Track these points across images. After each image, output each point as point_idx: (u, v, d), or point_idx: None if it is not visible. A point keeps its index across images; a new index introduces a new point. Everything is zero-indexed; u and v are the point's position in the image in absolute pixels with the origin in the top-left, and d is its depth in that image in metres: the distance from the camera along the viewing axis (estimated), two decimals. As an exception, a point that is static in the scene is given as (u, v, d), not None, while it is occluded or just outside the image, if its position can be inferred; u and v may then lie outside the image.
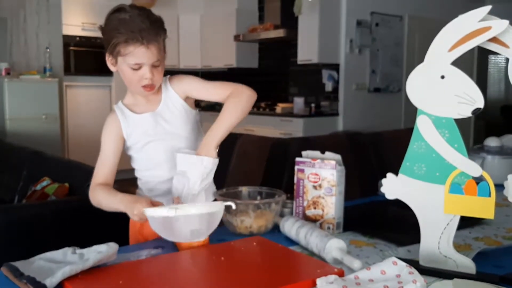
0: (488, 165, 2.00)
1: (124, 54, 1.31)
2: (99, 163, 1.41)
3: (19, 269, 1.03)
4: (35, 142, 4.29)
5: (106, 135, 1.42)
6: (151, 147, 1.43)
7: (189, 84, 1.46)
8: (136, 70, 1.33)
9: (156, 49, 1.32)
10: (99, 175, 1.40)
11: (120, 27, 1.29)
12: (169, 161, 1.42)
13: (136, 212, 1.20)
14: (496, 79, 8.91)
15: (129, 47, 1.29)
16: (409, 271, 0.96)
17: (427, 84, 1.04)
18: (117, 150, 1.42)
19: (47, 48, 5.42)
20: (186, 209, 1.09)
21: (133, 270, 1.07)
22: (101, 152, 1.42)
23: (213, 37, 7.05)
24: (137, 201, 1.22)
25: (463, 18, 0.98)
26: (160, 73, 1.38)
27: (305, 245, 1.22)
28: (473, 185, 1.02)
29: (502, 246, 1.27)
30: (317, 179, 1.37)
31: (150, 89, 1.37)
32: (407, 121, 6.32)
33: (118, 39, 1.29)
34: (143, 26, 1.28)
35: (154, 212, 1.09)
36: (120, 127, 1.41)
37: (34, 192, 2.67)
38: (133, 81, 1.36)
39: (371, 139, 2.81)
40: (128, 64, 1.32)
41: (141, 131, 1.42)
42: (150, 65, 1.33)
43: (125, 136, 1.42)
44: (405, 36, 6.33)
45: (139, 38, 1.28)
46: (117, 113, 1.43)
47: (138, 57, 1.31)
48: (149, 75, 1.33)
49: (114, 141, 1.41)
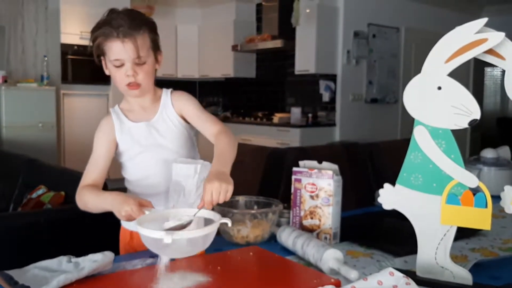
0: (484, 177, 2.01)
1: (104, 49, 1.34)
2: (89, 165, 1.39)
3: (13, 277, 1.02)
4: (31, 150, 4.28)
5: (99, 137, 1.41)
6: (141, 157, 1.42)
7: (186, 104, 1.45)
8: (119, 67, 1.34)
9: (133, 45, 1.32)
10: (88, 177, 1.38)
11: (101, 25, 1.34)
12: (158, 173, 1.41)
13: (124, 214, 1.18)
14: (492, 91, 8.96)
15: (107, 43, 1.33)
16: (406, 281, 0.96)
17: (424, 95, 1.05)
18: (109, 153, 1.40)
19: (44, 56, 5.42)
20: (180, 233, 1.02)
21: (129, 280, 1.06)
22: (93, 154, 1.40)
23: (210, 47, 7.08)
24: (125, 201, 1.19)
25: (460, 30, 0.99)
26: (146, 73, 1.36)
27: (301, 255, 1.22)
28: (470, 196, 1.02)
29: (498, 257, 1.27)
30: (314, 189, 1.37)
31: (134, 88, 1.36)
32: (403, 132, 6.34)
33: (98, 36, 1.33)
34: (122, 23, 1.31)
35: (148, 232, 1.02)
36: (114, 130, 1.41)
37: (30, 200, 2.66)
38: (117, 80, 1.37)
39: (368, 150, 2.81)
40: (110, 61, 1.34)
41: (133, 139, 1.41)
42: (132, 62, 1.33)
43: (118, 140, 1.41)
44: (401, 47, 6.38)
45: (114, 33, 1.31)
46: (112, 116, 1.42)
47: (116, 52, 1.32)
48: (130, 72, 1.33)
49: (107, 143, 1.40)
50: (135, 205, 1.17)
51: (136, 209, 1.16)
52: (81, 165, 2.02)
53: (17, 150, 3.91)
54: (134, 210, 1.17)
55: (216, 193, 1.12)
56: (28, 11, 5.37)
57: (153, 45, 1.38)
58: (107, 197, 1.27)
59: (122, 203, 1.19)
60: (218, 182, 1.13)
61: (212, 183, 1.13)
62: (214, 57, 7.01)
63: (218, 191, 1.12)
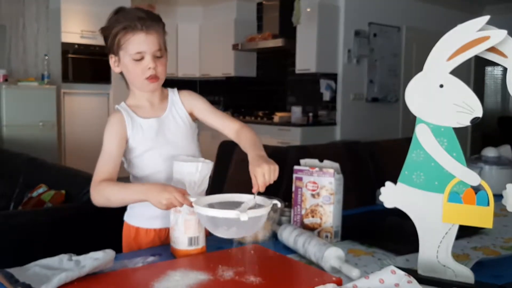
0: (485, 175, 2.01)
1: (125, 43, 1.33)
2: (102, 161, 1.35)
3: (14, 275, 1.02)
4: (32, 149, 4.27)
5: (110, 133, 1.38)
6: (150, 154, 1.41)
7: (199, 102, 1.48)
8: (139, 60, 1.34)
9: (155, 37, 1.34)
10: (103, 172, 1.33)
11: (119, 17, 1.34)
12: (166, 170, 1.40)
13: (166, 202, 1.16)
14: (493, 90, 8.96)
15: (128, 35, 1.33)
16: (408, 280, 0.95)
17: (426, 93, 1.04)
18: (120, 149, 1.38)
19: (45, 55, 5.43)
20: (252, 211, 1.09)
21: (130, 278, 1.06)
22: (104, 151, 1.37)
23: (211, 46, 7.08)
24: (165, 189, 1.17)
25: (462, 28, 0.99)
26: (163, 66, 1.38)
27: (303, 254, 1.22)
28: (471, 194, 1.01)
29: (500, 256, 1.27)
30: (315, 187, 1.37)
31: (154, 81, 1.37)
32: (404, 131, 6.33)
33: (117, 28, 1.33)
34: (141, 15, 1.33)
35: (223, 213, 1.09)
36: (125, 127, 1.39)
37: (30, 199, 2.66)
38: (137, 74, 1.36)
39: (369, 148, 2.81)
40: (130, 54, 1.34)
41: (144, 136, 1.40)
42: (152, 54, 1.34)
43: (129, 136, 1.39)
44: (402, 46, 6.37)
45: (138, 25, 1.32)
46: (123, 113, 1.40)
47: (138, 44, 1.33)
48: (152, 64, 1.34)
49: (118, 140, 1.38)
50: (178, 192, 1.16)
51: (179, 196, 1.16)
52: (81, 163, 2.03)
53: (18, 149, 3.91)
54: (178, 197, 1.15)
55: (268, 174, 1.17)
56: (29, 10, 5.37)
57: (165, 40, 1.40)
58: (140, 188, 1.26)
59: (162, 191, 1.17)
60: (267, 164, 1.18)
61: (261, 166, 1.18)
62: (215, 56, 7.01)
63: (269, 172, 1.17)
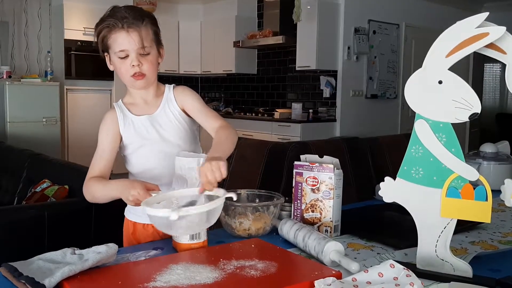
0: (483, 171, 2.01)
1: (110, 42, 1.37)
2: (95, 158, 1.41)
3: (17, 269, 1.03)
4: (35, 145, 4.30)
5: (103, 131, 1.44)
6: (143, 150, 1.44)
7: (189, 98, 1.49)
8: (123, 58, 1.37)
9: (137, 35, 1.36)
10: (95, 169, 1.40)
11: (105, 18, 1.38)
12: (160, 165, 1.43)
13: (132, 198, 1.21)
14: (492, 87, 8.96)
15: (112, 35, 1.36)
16: (407, 273, 0.96)
17: (424, 89, 1.05)
18: (113, 146, 1.43)
19: (48, 52, 5.44)
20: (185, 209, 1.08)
21: (132, 271, 1.07)
22: (98, 147, 1.43)
23: (212, 43, 7.08)
24: (132, 186, 1.22)
25: (461, 24, 1.00)
26: (150, 63, 1.40)
27: (303, 248, 1.23)
28: (470, 189, 1.02)
29: (498, 250, 1.28)
30: (315, 182, 1.38)
31: (139, 78, 1.39)
32: (403, 128, 6.35)
33: (103, 28, 1.37)
34: (125, 15, 1.36)
35: (155, 211, 1.09)
36: (117, 123, 1.43)
37: (34, 194, 2.67)
38: (122, 72, 1.39)
39: (368, 144, 2.82)
40: (116, 53, 1.37)
41: (136, 132, 1.44)
42: (136, 52, 1.36)
43: (121, 133, 1.44)
44: (401, 43, 6.38)
45: (119, 24, 1.35)
46: (116, 110, 1.45)
47: (120, 43, 1.36)
48: (135, 62, 1.37)
49: (111, 137, 1.43)
50: (142, 188, 1.20)
51: (143, 193, 1.19)
52: (84, 159, 2.03)
53: (21, 145, 3.93)
54: (141, 193, 1.19)
55: (210, 172, 1.16)
56: (32, 7, 5.38)
57: (155, 37, 1.42)
58: (114, 184, 1.30)
59: (129, 187, 1.22)
60: (208, 162, 1.18)
61: (203, 166, 1.18)
62: (216, 53, 7.02)
63: (211, 169, 1.16)
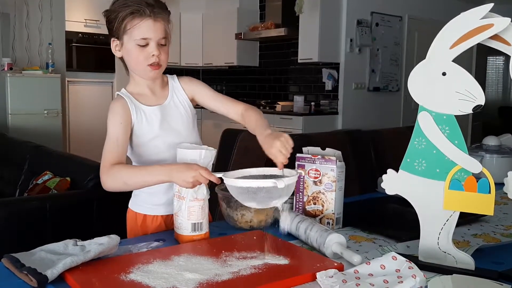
0: (486, 164, 2.01)
1: (131, 28, 1.31)
2: (109, 147, 1.32)
3: (20, 260, 1.03)
4: (37, 137, 4.29)
5: (115, 119, 1.34)
6: (155, 142, 1.40)
7: (200, 87, 1.48)
8: (143, 46, 1.33)
9: (163, 25, 1.33)
10: (112, 157, 1.30)
11: (127, 1, 1.31)
12: (170, 157, 1.39)
13: (192, 180, 1.16)
14: (494, 80, 8.94)
15: (135, 20, 1.31)
16: (409, 266, 0.97)
17: (428, 80, 1.05)
18: (126, 135, 1.35)
19: (49, 44, 5.43)
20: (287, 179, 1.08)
21: (134, 262, 1.07)
22: (109, 137, 1.33)
23: (214, 35, 7.05)
24: (191, 168, 1.17)
25: (465, 16, 0.99)
26: (166, 54, 1.38)
27: (305, 240, 1.23)
28: (473, 182, 1.02)
29: (501, 243, 1.28)
30: (317, 175, 1.38)
31: (156, 68, 1.36)
32: (406, 120, 6.33)
33: (125, 12, 1.31)
34: (150, 1, 1.32)
35: (261, 183, 1.06)
36: (130, 114, 1.36)
37: (36, 186, 2.68)
38: (139, 60, 1.35)
39: (371, 137, 2.81)
40: (135, 40, 1.32)
41: (149, 123, 1.39)
42: (157, 41, 1.33)
43: (134, 123, 1.37)
44: (404, 36, 6.34)
45: (146, 11, 1.30)
46: (126, 100, 1.38)
47: (145, 30, 1.31)
48: (156, 52, 1.33)
49: (124, 125, 1.35)
50: (203, 169, 1.17)
51: (205, 173, 1.16)
52: (86, 151, 2.03)
53: (23, 137, 3.93)
54: (204, 173, 1.16)
55: (284, 149, 1.17)
56: (33, -2, 5.36)
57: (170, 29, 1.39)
58: (162, 169, 1.23)
59: (188, 169, 1.17)
60: (278, 140, 1.18)
61: (274, 145, 1.18)
62: (217, 45, 6.99)
63: (283, 145, 1.17)
